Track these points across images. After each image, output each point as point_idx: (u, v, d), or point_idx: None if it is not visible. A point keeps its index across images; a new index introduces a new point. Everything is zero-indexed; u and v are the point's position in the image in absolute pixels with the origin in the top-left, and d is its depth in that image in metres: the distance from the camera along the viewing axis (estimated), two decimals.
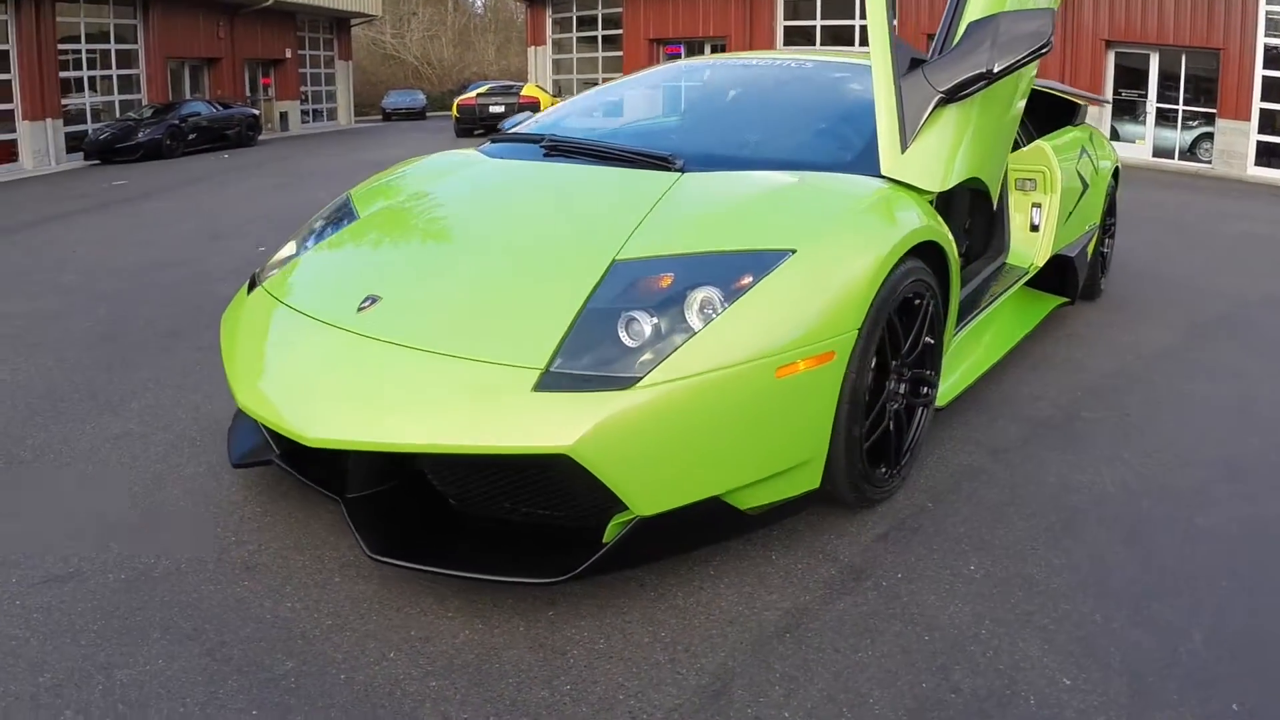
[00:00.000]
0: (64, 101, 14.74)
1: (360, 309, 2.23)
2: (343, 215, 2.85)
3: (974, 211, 3.92)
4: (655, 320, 2.06)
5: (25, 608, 2.06)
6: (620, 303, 2.12)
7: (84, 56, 15.46)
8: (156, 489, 2.63)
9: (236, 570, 2.20)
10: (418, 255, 2.54)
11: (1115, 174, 4.93)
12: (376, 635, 1.97)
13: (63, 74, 14.83)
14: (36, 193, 11.41)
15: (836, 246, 2.30)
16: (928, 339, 2.66)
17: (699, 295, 2.10)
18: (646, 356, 1.99)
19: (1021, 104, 3.19)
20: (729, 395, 2.02)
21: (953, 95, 2.72)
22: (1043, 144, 3.93)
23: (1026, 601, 2.13)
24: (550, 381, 1.97)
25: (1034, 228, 3.86)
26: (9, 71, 13.48)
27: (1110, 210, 4.94)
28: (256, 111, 19.19)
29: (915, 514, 2.52)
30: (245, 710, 1.75)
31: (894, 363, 2.49)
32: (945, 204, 3.76)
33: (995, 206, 3.84)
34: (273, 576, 2.18)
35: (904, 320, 2.54)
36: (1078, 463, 2.86)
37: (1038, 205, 3.87)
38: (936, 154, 2.75)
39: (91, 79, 15.85)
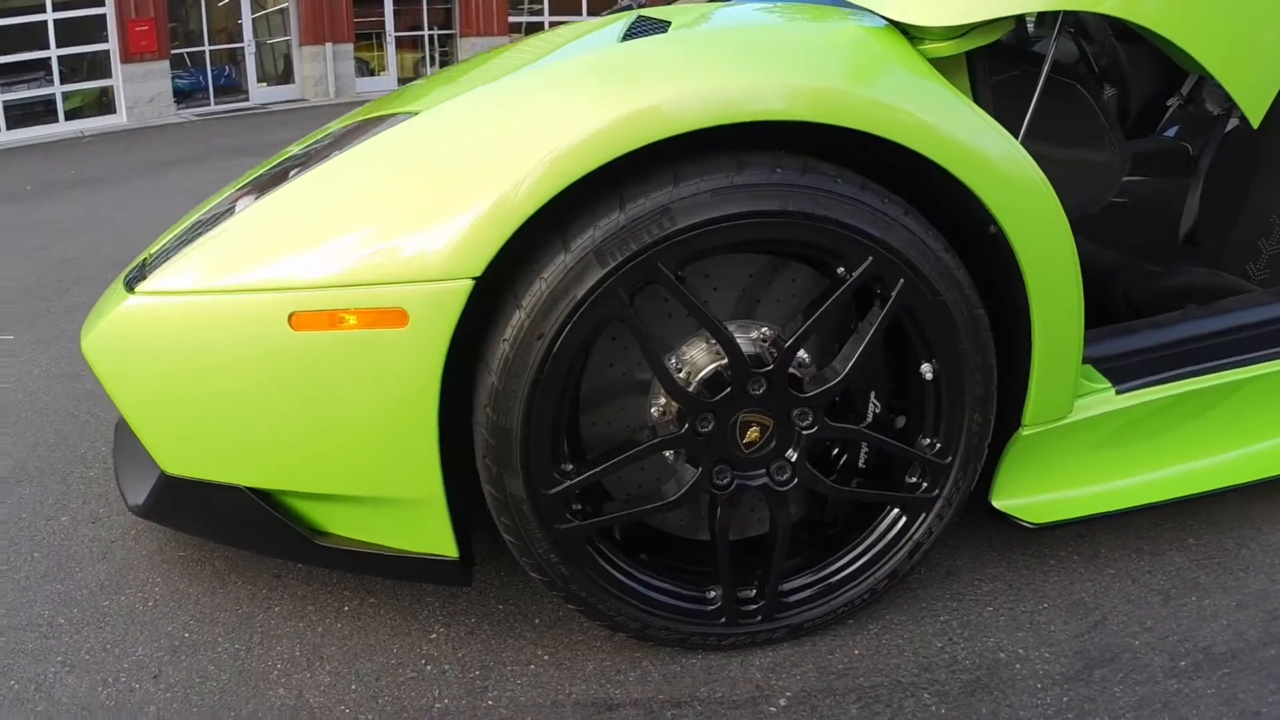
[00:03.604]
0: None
1: None
2: None
3: None
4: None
5: None
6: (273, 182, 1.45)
7: None
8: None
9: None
10: None
11: None
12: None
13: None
14: None
15: (490, 108, 1.20)
16: (926, 367, 1.29)
17: None
18: None
19: None
20: (220, 338, 1.23)
21: None
22: None
23: None
24: (135, 274, 1.49)
25: None
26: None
27: None
28: None
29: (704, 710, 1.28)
30: None
31: (742, 384, 1.24)
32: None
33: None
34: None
35: (773, 300, 1.32)
36: None
37: None
38: None
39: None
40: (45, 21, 10.03)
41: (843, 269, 1.22)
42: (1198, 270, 2.01)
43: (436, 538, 1.27)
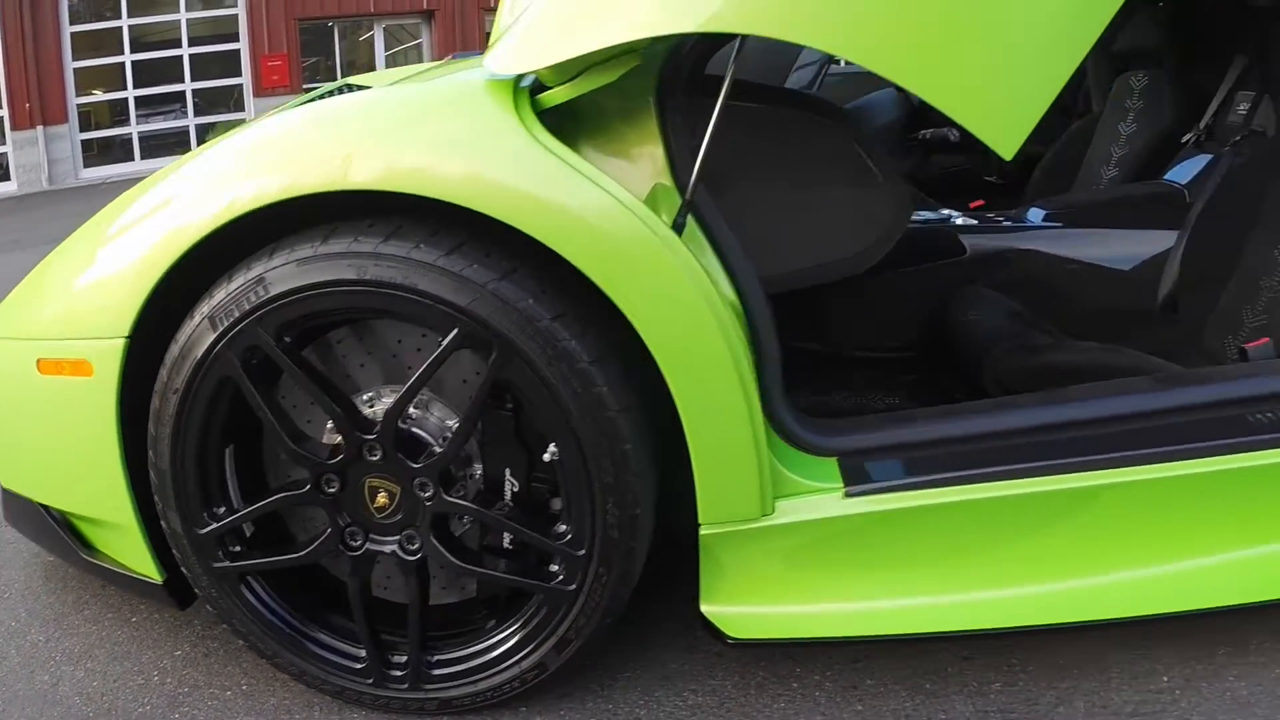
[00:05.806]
0: None
1: None
2: None
3: None
4: None
5: None
6: None
7: None
8: None
9: None
10: None
11: None
12: None
13: None
14: None
15: (159, 184, 1.40)
16: (552, 448, 1.25)
17: None
18: None
19: None
20: (8, 376, 1.52)
21: None
22: None
23: None
24: None
25: None
26: None
27: None
28: None
29: None
30: None
31: (355, 448, 1.30)
32: None
33: None
34: None
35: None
36: None
37: None
38: None
39: None
40: (181, 56, 10.74)
41: (441, 340, 1.22)
42: (1091, 346, 1.72)
43: (141, 561, 1.48)
